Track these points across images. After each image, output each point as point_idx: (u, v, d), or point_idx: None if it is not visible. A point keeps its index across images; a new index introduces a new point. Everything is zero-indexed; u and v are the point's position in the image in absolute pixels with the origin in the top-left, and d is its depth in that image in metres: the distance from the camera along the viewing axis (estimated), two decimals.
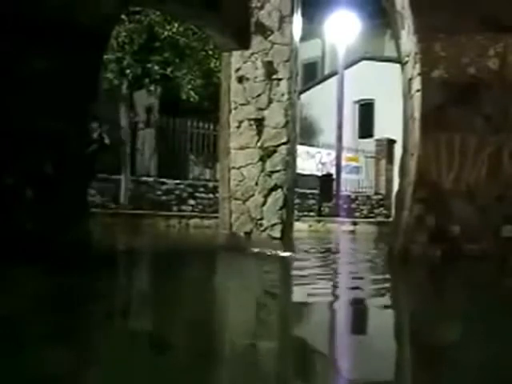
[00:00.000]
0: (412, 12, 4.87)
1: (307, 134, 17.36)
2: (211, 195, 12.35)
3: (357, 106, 19.66)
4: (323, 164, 15.78)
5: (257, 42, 5.73)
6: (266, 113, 5.66)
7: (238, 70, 5.76)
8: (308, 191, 15.22)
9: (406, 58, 5.21)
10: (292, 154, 5.77)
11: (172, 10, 6.68)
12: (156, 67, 11.46)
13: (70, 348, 1.75)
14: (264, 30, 5.73)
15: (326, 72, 21.85)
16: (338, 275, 4.37)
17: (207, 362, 1.69)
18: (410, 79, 5.10)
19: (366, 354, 1.87)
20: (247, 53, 5.74)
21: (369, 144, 18.19)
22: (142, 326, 2.20)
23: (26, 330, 1.96)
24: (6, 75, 4.09)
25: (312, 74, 22.40)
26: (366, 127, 19.41)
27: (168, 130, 13.12)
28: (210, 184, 12.79)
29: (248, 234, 5.54)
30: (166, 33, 11.14)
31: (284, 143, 5.63)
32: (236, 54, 5.78)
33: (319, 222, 12.43)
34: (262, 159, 5.61)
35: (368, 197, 17.62)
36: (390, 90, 11.39)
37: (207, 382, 1.54)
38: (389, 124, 14.63)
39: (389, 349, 1.96)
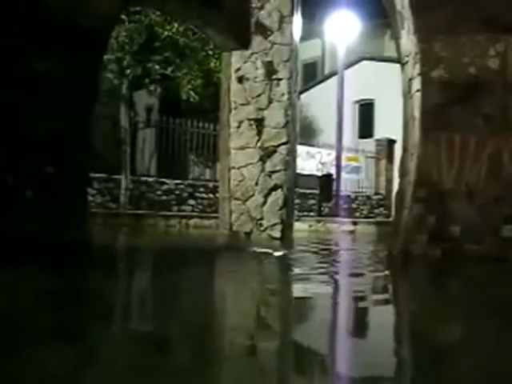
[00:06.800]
0: (412, 12, 4.88)
1: (307, 133, 17.37)
2: (211, 195, 12.36)
3: (357, 105, 19.67)
4: (323, 164, 15.79)
5: (257, 42, 5.74)
6: (266, 113, 5.67)
7: (238, 69, 5.76)
8: (308, 191, 15.22)
9: (406, 58, 5.22)
10: (292, 153, 5.78)
11: (172, 10, 6.68)
12: (156, 67, 11.49)
13: (69, 347, 1.75)
14: (264, 30, 5.74)
15: (326, 72, 21.87)
16: (338, 274, 4.36)
17: (203, 357, 1.70)
18: (410, 79, 5.11)
19: (365, 352, 1.87)
20: (247, 53, 5.75)
21: (369, 144, 18.21)
22: (141, 326, 2.20)
23: (25, 329, 1.96)
24: (6, 75, 4.09)
25: (312, 74, 22.42)
26: (365, 127, 19.42)
27: (168, 129, 13.12)
28: (210, 184, 12.80)
29: (248, 233, 5.54)
30: (166, 33, 11.16)
31: (284, 143, 5.63)
32: (236, 54, 5.79)
33: (319, 222, 12.42)
34: (262, 159, 5.62)
35: (368, 197, 17.63)
36: (390, 90, 11.40)
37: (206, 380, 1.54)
38: (389, 124, 14.65)
39: (388, 348, 1.96)
